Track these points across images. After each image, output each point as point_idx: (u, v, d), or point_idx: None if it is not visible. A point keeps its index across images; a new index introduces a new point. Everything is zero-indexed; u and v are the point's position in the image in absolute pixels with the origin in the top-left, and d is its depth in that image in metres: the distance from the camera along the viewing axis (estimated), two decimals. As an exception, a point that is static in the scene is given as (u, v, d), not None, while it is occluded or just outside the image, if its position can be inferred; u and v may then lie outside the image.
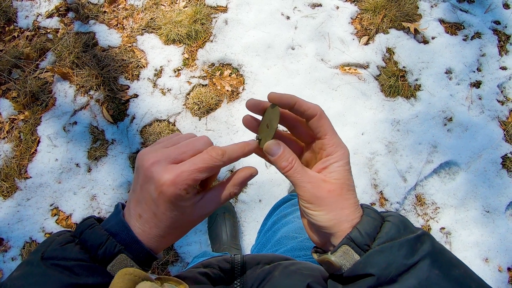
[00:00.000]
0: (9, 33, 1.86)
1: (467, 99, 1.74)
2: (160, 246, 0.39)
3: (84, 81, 1.77)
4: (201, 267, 0.51)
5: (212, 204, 0.39)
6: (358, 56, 1.79)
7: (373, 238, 0.36)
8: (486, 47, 1.81)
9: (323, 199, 0.38)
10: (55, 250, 0.35)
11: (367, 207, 0.40)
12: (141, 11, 1.89)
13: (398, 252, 0.34)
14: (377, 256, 0.35)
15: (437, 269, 0.34)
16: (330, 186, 0.38)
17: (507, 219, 1.60)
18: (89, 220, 0.38)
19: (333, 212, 0.38)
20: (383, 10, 1.83)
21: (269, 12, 1.86)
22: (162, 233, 0.38)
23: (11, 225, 1.60)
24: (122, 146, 1.69)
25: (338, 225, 0.38)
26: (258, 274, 0.48)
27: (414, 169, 1.64)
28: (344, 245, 0.36)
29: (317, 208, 0.38)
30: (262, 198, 1.62)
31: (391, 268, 0.34)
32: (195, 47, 1.83)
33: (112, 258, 0.36)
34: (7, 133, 1.72)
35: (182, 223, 0.38)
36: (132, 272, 0.34)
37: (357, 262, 0.35)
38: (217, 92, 1.76)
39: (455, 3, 1.88)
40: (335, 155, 0.39)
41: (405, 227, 0.37)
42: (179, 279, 0.39)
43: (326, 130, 0.39)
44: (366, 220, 0.37)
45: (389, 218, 0.38)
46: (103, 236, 0.36)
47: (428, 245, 0.35)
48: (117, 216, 0.38)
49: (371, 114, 1.72)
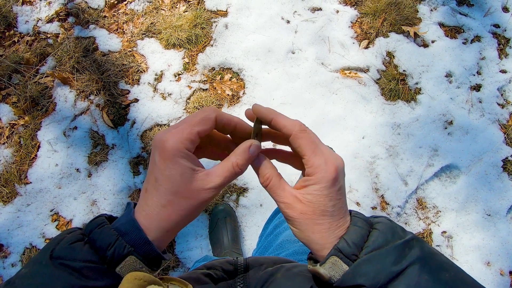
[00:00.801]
0: (9, 38, 1.85)
1: (467, 102, 1.74)
2: (163, 225, 0.37)
3: (85, 86, 1.76)
4: (204, 269, 0.51)
5: (216, 178, 0.38)
6: (358, 60, 1.79)
7: (361, 248, 0.36)
8: (485, 50, 1.81)
9: (295, 219, 0.38)
10: (64, 249, 0.35)
11: (355, 215, 0.39)
12: (141, 15, 1.89)
13: (386, 260, 0.34)
14: (365, 265, 0.34)
15: (426, 274, 0.34)
16: (302, 208, 0.38)
17: (508, 222, 1.60)
18: (100, 218, 0.38)
19: (305, 234, 0.38)
20: (383, 14, 1.84)
21: (269, 16, 1.86)
22: (162, 200, 0.36)
23: (11, 231, 1.60)
24: (123, 151, 1.69)
25: (311, 245, 0.39)
26: (261, 275, 0.48)
27: (415, 172, 1.64)
28: (332, 256, 0.36)
29: (291, 225, 0.39)
30: (263, 202, 1.61)
31: (380, 277, 0.34)
32: (196, 51, 1.83)
33: (121, 260, 0.35)
34: (7, 138, 1.71)
35: (181, 189, 0.37)
36: (142, 277, 0.33)
37: (346, 272, 0.35)
38: (218, 97, 1.76)
39: (455, 7, 1.88)
40: (314, 178, 0.37)
41: (393, 233, 0.37)
42: (183, 280, 0.39)
43: (304, 150, 0.38)
44: (353, 229, 0.37)
45: (376, 226, 0.38)
46: (112, 237, 0.35)
47: (416, 250, 0.35)
48: (128, 215, 0.37)
49: (372, 118, 1.72)
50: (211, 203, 1.61)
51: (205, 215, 1.61)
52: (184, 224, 0.39)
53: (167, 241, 0.39)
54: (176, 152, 0.36)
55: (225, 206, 1.57)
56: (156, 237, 0.37)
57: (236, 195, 1.64)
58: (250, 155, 0.40)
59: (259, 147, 0.41)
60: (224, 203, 1.61)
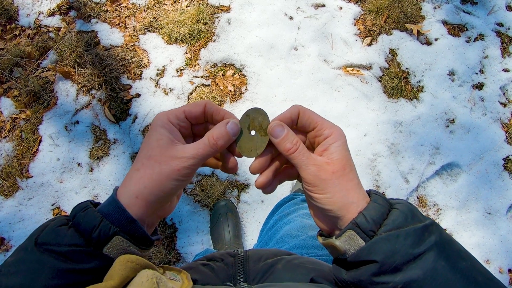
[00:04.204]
0: (10, 32, 1.84)
1: (470, 101, 1.74)
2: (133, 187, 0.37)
3: (86, 80, 1.76)
4: (204, 260, 0.51)
5: (190, 149, 0.38)
6: (361, 57, 1.79)
7: (379, 225, 0.36)
8: (489, 49, 1.81)
9: (327, 181, 0.38)
10: (49, 234, 0.35)
11: (376, 193, 0.39)
12: (143, 10, 1.88)
13: (405, 241, 0.34)
14: (382, 243, 0.34)
15: (443, 261, 0.34)
16: (333, 167, 0.38)
17: (508, 221, 1.61)
18: (84, 203, 0.38)
19: (339, 194, 0.38)
20: (386, 11, 1.83)
21: (272, 12, 1.86)
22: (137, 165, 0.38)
23: (12, 225, 1.60)
24: (124, 146, 1.69)
25: (345, 207, 0.38)
26: (261, 267, 0.48)
27: (416, 170, 1.65)
28: (349, 230, 0.36)
29: (322, 191, 0.38)
30: (264, 199, 1.62)
31: (396, 257, 0.34)
32: (198, 46, 1.82)
33: (108, 241, 0.35)
34: (8, 132, 1.71)
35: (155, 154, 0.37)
36: (134, 260, 0.33)
37: (362, 247, 0.35)
38: (220, 92, 1.75)
39: (458, 5, 1.87)
40: (333, 136, 0.39)
41: (413, 215, 0.36)
42: (181, 269, 0.39)
43: (315, 118, 0.40)
44: (372, 206, 0.37)
45: (397, 206, 0.38)
46: (97, 219, 0.35)
47: (436, 235, 0.35)
48: (111, 196, 0.37)
49: (374, 115, 1.72)
50: (211, 202, 1.61)
51: (206, 210, 1.62)
52: (156, 194, 0.37)
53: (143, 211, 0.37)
54: (159, 122, 0.39)
55: (226, 201, 1.57)
56: (128, 203, 0.36)
57: (238, 191, 1.64)
58: (227, 130, 0.40)
59: (237, 125, 0.41)
60: (226, 198, 1.61)
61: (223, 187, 1.63)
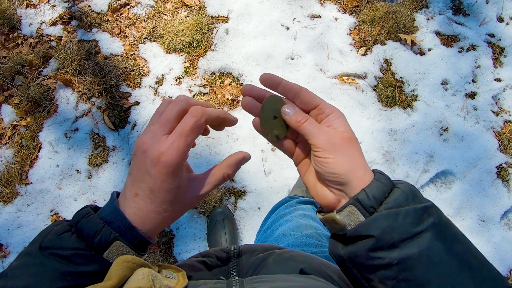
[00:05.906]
0: (13, 40, 1.88)
1: (463, 109, 1.78)
2: (155, 226, 0.40)
3: (86, 88, 1.79)
4: (199, 256, 0.53)
5: (207, 185, 0.42)
6: (356, 67, 1.83)
7: (380, 202, 0.37)
8: (481, 59, 1.85)
9: (337, 145, 0.39)
10: (53, 240, 0.37)
11: (379, 172, 0.41)
12: (143, 20, 1.93)
13: (404, 220, 0.35)
14: (382, 220, 0.35)
15: (440, 242, 0.34)
16: (342, 135, 0.40)
17: (502, 228, 1.62)
18: (85, 209, 0.40)
19: (347, 157, 0.39)
20: (380, 22, 1.88)
21: (269, 23, 1.90)
22: (158, 208, 0.39)
23: (10, 231, 1.61)
24: (123, 153, 1.71)
25: (353, 172, 0.39)
26: (253, 261, 0.50)
27: (411, 178, 1.67)
28: (350, 205, 0.37)
29: (331, 155, 0.39)
30: (261, 205, 1.64)
31: (394, 234, 0.34)
32: (196, 56, 1.86)
33: (108, 245, 0.36)
34: (9, 139, 1.73)
35: (177, 199, 0.39)
36: (130, 260, 0.34)
37: (361, 223, 0.36)
38: (218, 101, 1.78)
39: (451, 16, 1.92)
40: (334, 114, 0.41)
41: (414, 196, 0.38)
42: (177, 267, 0.41)
43: (318, 99, 0.43)
44: (375, 184, 0.38)
45: (399, 185, 0.39)
46: (99, 225, 0.37)
47: (434, 217, 0.36)
48: (112, 204, 0.39)
49: (369, 124, 1.75)
50: (208, 209, 1.63)
51: (203, 217, 1.63)
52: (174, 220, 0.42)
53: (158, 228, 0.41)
54: (176, 167, 0.37)
55: (223, 208, 1.59)
56: (150, 236, 0.40)
57: (235, 198, 1.66)
58: (239, 167, 0.44)
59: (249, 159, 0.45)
60: (223, 205, 1.63)
61: (220, 194, 1.65)
